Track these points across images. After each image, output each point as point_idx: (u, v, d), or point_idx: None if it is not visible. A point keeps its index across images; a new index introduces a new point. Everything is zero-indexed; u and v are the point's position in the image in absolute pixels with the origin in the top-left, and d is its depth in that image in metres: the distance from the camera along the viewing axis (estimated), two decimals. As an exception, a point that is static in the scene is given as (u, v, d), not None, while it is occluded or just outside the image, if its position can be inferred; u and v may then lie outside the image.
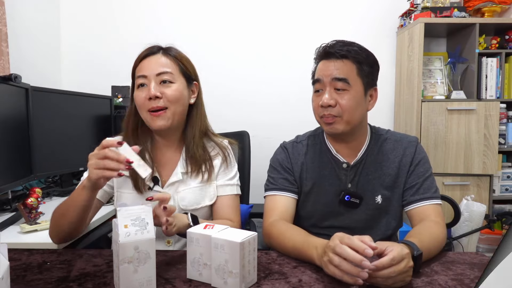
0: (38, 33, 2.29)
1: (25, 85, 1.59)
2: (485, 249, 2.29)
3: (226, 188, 1.14)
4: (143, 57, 1.08)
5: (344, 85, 1.04)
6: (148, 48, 1.09)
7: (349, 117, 1.05)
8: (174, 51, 1.11)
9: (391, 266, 0.73)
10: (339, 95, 1.04)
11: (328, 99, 1.04)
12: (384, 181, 1.11)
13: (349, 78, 1.04)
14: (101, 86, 2.41)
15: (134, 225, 0.73)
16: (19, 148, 1.56)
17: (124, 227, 0.72)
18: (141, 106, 1.06)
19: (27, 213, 1.31)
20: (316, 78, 1.09)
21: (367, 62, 1.07)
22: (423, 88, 2.39)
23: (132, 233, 0.72)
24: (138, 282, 0.73)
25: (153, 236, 0.74)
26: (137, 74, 1.07)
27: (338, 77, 1.03)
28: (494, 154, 2.24)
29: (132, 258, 0.72)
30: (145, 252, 0.73)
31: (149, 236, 0.74)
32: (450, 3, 2.36)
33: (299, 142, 1.20)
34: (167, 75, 1.05)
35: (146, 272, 0.74)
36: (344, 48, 1.05)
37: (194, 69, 1.16)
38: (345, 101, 1.04)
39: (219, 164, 1.15)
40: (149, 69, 1.05)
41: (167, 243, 1.10)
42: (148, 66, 1.06)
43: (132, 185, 1.07)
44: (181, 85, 1.08)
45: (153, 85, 1.03)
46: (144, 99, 1.04)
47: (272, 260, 0.92)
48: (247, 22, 2.57)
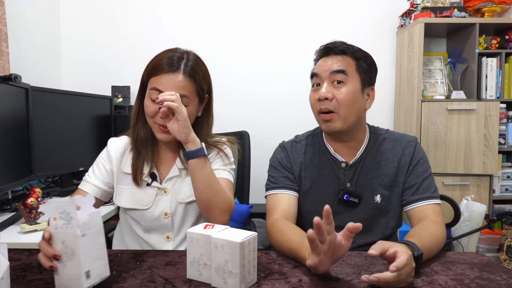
0: (38, 33, 2.29)
1: (25, 85, 1.59)
2: (485, 249, 2.29)
3: (220, 172, 1.11)
4: (163, 71, 1.02)
5: (342, 77, 1.05)
6: (169, 61, 1.03)
7: (346, 113, 1.05)
8: (194, 69, 1.05)
9: (406, 266, 0.74)
10: (337, 88, 1.05)
11: (325, 92, 1.05)
12: (383, 181, 1.11)
13: (347, 70, 1.05)
14: (101, 86, 2.42)
15: (61, 218, 0.71)
16: (19, 148, 1.56)
17: (53, 219, 0.71)
18: (150, 116, 1.06)
19: (27, 213, 1.31)
20: (313, 72, 1.11)
21: (366, 61, 1.09)
22: (423, 88, 2.39)
23: (59, 226, 0.71)
24: (67, 278, 0.71)
25: (77, 233, 0.70)
26: (154, 85, 1.03)
27: (336, 69, 1.05)
28: (494, 154, 2.24)
29: (61, 252, 0.71)
30: (71, 248, 0.71)
31: (72, 231, 0.70)
32: (450, 3, 2.36)
33: (298, 142, 1.21)
34: (184, 100, 1.02)
35: (73, 269, 0.71)
36: (344, 46, 1.08)
37: (210, 82, 1.13)
38: (342, 95, 1.04)
39: (214, 155, 1.15)
40: (166, 87, 1.01)
41: (167, 238, 1.11)
42: (167, 83, 1.01)
43: (132, 179, 1.10)
44: (194, 107, 1.07)
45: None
46: (155, 112, 1.04)
47: (272, 260, 0.92)
48: (247, 22, 2.57)
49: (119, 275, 0.82)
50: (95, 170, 1.15)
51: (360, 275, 0.79)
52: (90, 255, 0.72)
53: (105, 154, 1.15)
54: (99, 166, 1.15)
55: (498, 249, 2.27)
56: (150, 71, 1.05)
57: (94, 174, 1.14)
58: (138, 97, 1.12)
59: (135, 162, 1.11)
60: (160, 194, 1.11)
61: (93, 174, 1.14)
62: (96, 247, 0.74)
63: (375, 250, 0.76)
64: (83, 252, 0.71)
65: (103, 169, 1.14)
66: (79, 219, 0.70)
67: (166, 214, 1.10)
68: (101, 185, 1.13)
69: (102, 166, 1.14)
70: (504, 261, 2.15)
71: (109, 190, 1.15)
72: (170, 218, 1.10)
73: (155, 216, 1.09)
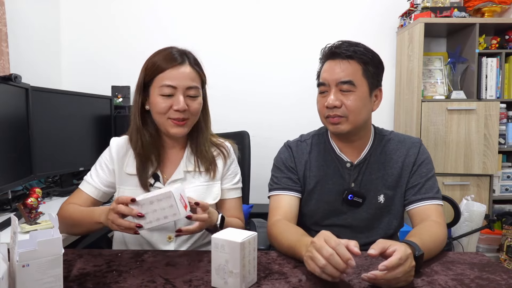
0: (38, 33, 2.29)
1: (25, 85, 1.59)
2: (485, 249, 2.29)
3: (232, 192, 1.19)
4: (170, 65, 1.04)
5: (349, 87, 1.04)
6: (172, 55, 1.06)
7: (355, 118, 1.05)
8: (196, 61, 1.11)
9: (399, 266, 0.73)
10: (345, 96, 1.05)
11: (334, 100, 1.04)
12: (387, 181, 1.12)
13: (354, 79, 1.04)
14: (101, 86, 2.42)
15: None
16: (19, 148, 1.56)
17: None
18: (162, 113, 1.06)
19: (27, 213, 1.31)
20: (320, 81, 1.10)
21: (373, 63, 1.07)
22: (423, 88, 2.39)
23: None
24: None
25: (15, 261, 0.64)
26: (164, 82, 1.04)
27: (343, 81, 1.04)
28: (494, 154, 2.24)
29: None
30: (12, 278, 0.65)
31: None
32: (450, 3, 2.36)
33: (303, 141, 1.21)
34: (194, 90, 1.07)
35: None
36: (351, 49, 1.05)
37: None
38: (350, 102, 1.04)
39: (222, 164, 1.17)
40: (178, 80, 1.04)
41: (168, 238, 1.11)
42: (176, 77, 1.04)
43: (138, 181, 1.09)
44: (201, 98, 1.11)
45: (181, 98, 1.04)
46: (167, 108, 1.05)
47: (272, 260, 0.92)
48: (247, 22, 2.57)
49: (119, 275, 0.82)
50: (98, 170, 1.15)
51: (360, 275, 0.79)
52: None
53: (108, 154, 1.15)
54: (102, 165, 1.15)
55: (498, 249, 2.27)
56: (154, 69, 1.05)
57: (96, 175, 1.14)
58: (137, 101, 1.10)
59: (141, 166, 1.10)
60: None
61: (95, 175, 1.14)
62: (44, 281, 0.66)
63: (374, 250, 0.76)
64: (21, 286, 0.64)
65: (106, 168, 1.14)
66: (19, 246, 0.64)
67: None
68: (101, 187, 1.13)
69: (105, 166, 1.14)
70: (504, 261, 2.15)
71: (109, 190, 1.15)
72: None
73: None
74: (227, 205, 1.18)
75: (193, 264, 0.89)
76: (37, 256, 0.65)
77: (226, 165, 1.18)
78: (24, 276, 0.64)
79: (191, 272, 0.84)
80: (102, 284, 0.77)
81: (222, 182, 1.18)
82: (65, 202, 1.13)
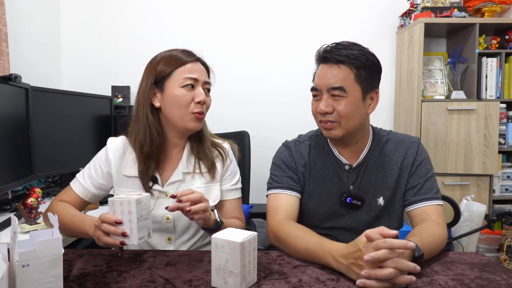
0: (38, 33, 2.29)
1: (25, 85, 1.59)
2: (485, 249, 2.29)
3: (231, 193, 1.19)
4: (191, 58, 1.08)
5: (340, 93, 1.03)
6: (190, 51, 1.11)
7: (347, 123, 1.05)
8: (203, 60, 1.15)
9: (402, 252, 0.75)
10: (336, 101, 1.04)
11: (325, 106, 1.04)
12: (387, 183, 1.11)
13: (345, 85, 1.02)
14: (101, 86, 2.42)
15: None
16: (19, 148, 1.56)
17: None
18: (185, 106, 1.05)
19: (27, 213, 1.31)
20: (313, 86, 1.09)
21: (366, 67, 1.03)
22: (423, 88, 2.39)
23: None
24: None
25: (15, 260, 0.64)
26: (187, 75, 1.05)
27: (334, 87, 1.03)
28: (494, 154, 2.24)
29: None
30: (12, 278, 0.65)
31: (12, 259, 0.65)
32: (450, 3, 2.36)
33: (301, 141, 1.20)
34: (209, 85, 1.13)
35: None
36: (343, 53, 1.02)
37: None
38: (342, 108, 1.03)
39: (220, 165, 1.16)
40: (199, 73, 1.08)
41: (168, 239, 1.11)
42: (198, 70, 1.08)
43: (140, 183, 1.08)
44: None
45: (202, 91, 1.07)
46: (190, 101, 1.06)
47: (272, 260, 0.92)
48: (248, 22, 2.57)
49: (119, 275, 0.82)
50: (91, 170, 1.13)
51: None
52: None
53: (104, 155, 1.13)
54: (96, 167, 1.13)
55: (498, 249, 2.27)
56: (175, 62, 1.06)
57: (89, 176, 1.12)
58: (146, 97, 1.06)
59: (144, 168, 1.07)
60: (161, 197, 1.09)
61: (88, 175, 1.12)
62: (44, 281, 0.66)
63: (371, 257, 0.74)
64: (21, 286, 0.64)
65: (100, 170, 1.12)
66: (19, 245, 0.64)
67: (168, 218, 1.09)
68: (92, 189, 1.11)
69: (99, 168, 1.12)
70: (504, 261, 2.15)
71: (100, 193, 1.14)
72: (172, 222, 1.09)
73: (156, 219, 1.08)
74: (227, 206, 1.17)
75: (193, 264, 0.88)
76: (37, 256, 0.65)
77: (224, 166, 1.17)
78: (24, 276, 0.64)
79: (191, 272, 0.84)
80: (102, 284, 0.77)
81: (221, 183, 1.17)
82: (55, 199, 1.12)
